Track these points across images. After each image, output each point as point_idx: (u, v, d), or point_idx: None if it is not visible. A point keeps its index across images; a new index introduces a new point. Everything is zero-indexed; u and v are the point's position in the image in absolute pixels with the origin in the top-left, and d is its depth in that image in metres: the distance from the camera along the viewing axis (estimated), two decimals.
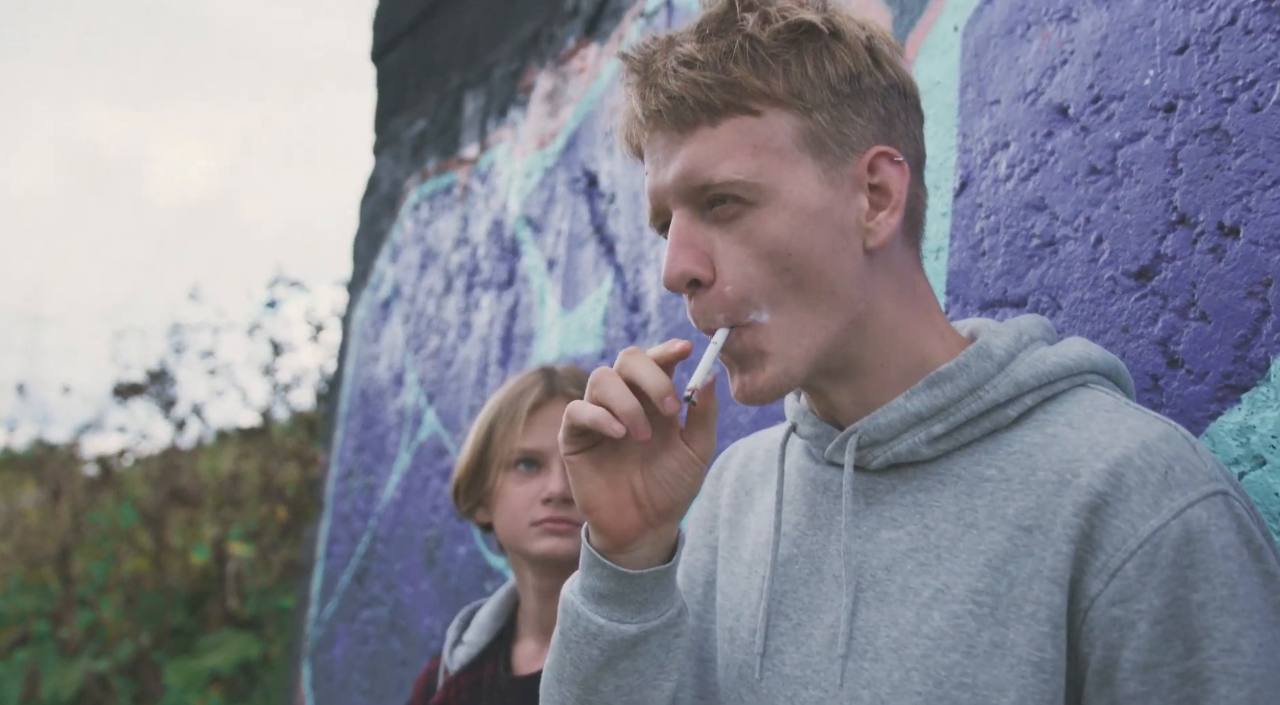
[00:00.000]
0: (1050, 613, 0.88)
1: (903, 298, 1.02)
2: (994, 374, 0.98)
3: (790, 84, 0.96)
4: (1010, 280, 1.43)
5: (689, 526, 1.26)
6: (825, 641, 1.00)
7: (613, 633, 1.00)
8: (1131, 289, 1.27)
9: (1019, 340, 1.01)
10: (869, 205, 0.98)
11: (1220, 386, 1.17)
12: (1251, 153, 1.16)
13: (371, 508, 3.25)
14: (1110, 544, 0.87)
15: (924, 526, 0.97)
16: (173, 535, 6.29)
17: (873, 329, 1.00)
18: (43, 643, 6.26)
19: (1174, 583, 0.85)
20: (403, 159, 3.52)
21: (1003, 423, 0.98)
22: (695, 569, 1.20)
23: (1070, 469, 0.91)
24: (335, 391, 3.82)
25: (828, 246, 0.96)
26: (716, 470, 1.26)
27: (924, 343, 1.02)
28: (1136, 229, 1.28)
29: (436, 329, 3.04)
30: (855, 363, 1.01)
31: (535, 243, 2.62)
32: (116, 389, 6.13)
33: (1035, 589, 0.89)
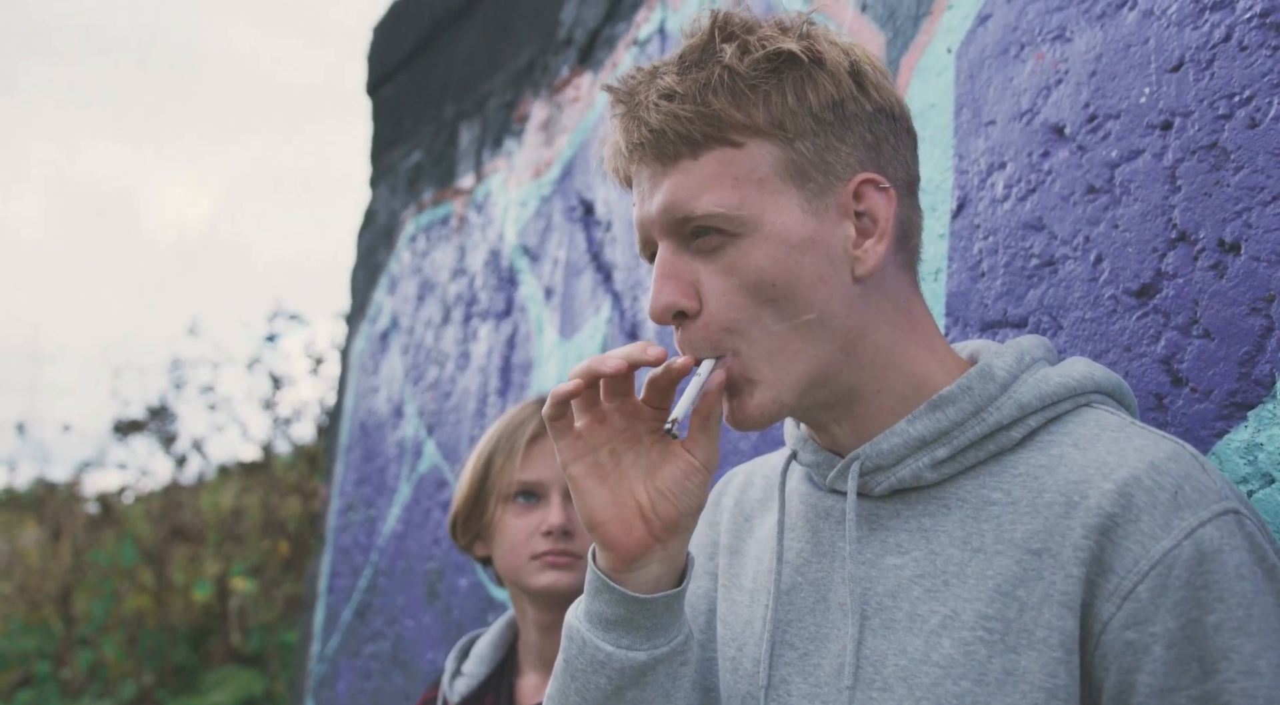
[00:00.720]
0: (1062, 638, 0.87)
1: (898, 323, 1.01)
2: (997, 396, 0.97)
3: (771, 114, 0.95)
4: (1010, 301, 1.42)
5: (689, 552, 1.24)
6: (833, 671, 0.98)
7: (621, 661, 0.98)
8: (1133, 307, 1.26)
9: (1021, 361, 1.00)
10: (856, 233, 0.97)
11: (1226, 404, 1.15)
12: (1250, 169, 1.16)
13: (373, 541, 3.23)
14: (1122, 566, 0.86)
15: (930, 552, 0.95)
16: (174, 572, 6.26)
17: (866, 356, 0.99)
18: (45, 684, 6.20)
19: (1188, 604, 0.84)
20: (399, 190, 3.53)
21: (1007, 445, 0.96)
22: (697, 597, 1.19)
23: (1078, 490, 0.90)
24: (335, 424, 3.80)
25: (814, 275, 0.95)
26: (715, 496, 1.25)
27: (922, 368, 1.01)
28: (1136, 247, 1.27)
29: (435, 360, 3.03)
30: (851, 391, 1.00)
31: (532, 272, 2.62)
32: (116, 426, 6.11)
33: (1046, 614, 0.87)
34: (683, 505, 0.98)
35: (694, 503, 0.98)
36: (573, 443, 0.97)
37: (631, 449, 0.98)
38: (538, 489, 1.60)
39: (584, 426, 0.97)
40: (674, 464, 0.98)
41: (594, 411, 0.97)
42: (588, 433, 0.97)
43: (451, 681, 1.64)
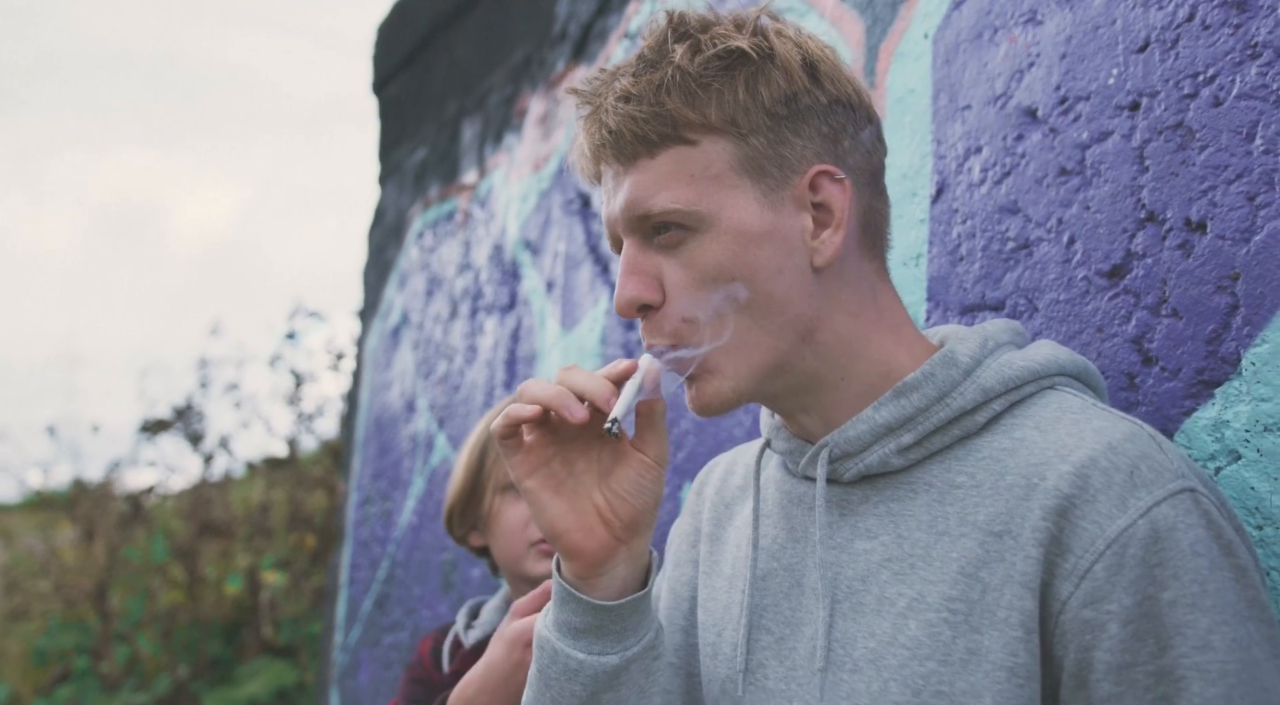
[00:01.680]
0: (1022, 617, 0.88)
1: (862, 311, 1.02)
2: (960, 381, 0.99)
3: (724, 111, 0.97)
4: (988, 284, 1.43)
5: (672, 542, 1.27)
6: (807, 654, 1.00)
7: (594, 667, 1.00)
8: (1104, 288, 1.27)
9: (984, 346, 1.02)
10: (813, 224, 0.99)
11: (1194, 382, 1.16)
12: (1215, 147, 1.16)
13: (390, 533, 3.28)
14: (1079, 546, 0.87)
15: (897, 536, 0.97)
16: (206, 567, 6.36)
17: (828, 344, 1.01)
18: (84, 679, 6.33)
19: (1143, 582, 0.85)
20: (406, 188, 3.56)
21: (971, 429, 0.98)
22: (681, 585, 1.21)
23: (1037, 472, 0.91)
24: (351, 419, 3.86)
25: (771, 268, 0.97)
26: (698, 486, 1.27)
27: (888, 355, 1.03)
28: (1107, 228, 1.28)
29: (444, 354, 3.07)
30: (814, 379, 1.02)
31: (534, 265, 2.65)
32: (144, 425, 6.21)
33: (1007, 594, 0.89)
34: (640, 503, 0.99)
35: (651, 499, 1.00)
36: (524, 458, 0.98)
37: (583, 456, 1.00)
38: None
39: (534, 440, 0.98)
40: (627, 464, 0.99)
41: (543, 425, 0.99)
42: (538, 446, 0.98)
43: (466, 631, 1.69)
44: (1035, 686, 0.88)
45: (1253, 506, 1.09)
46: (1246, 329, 1.11)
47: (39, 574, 7.22)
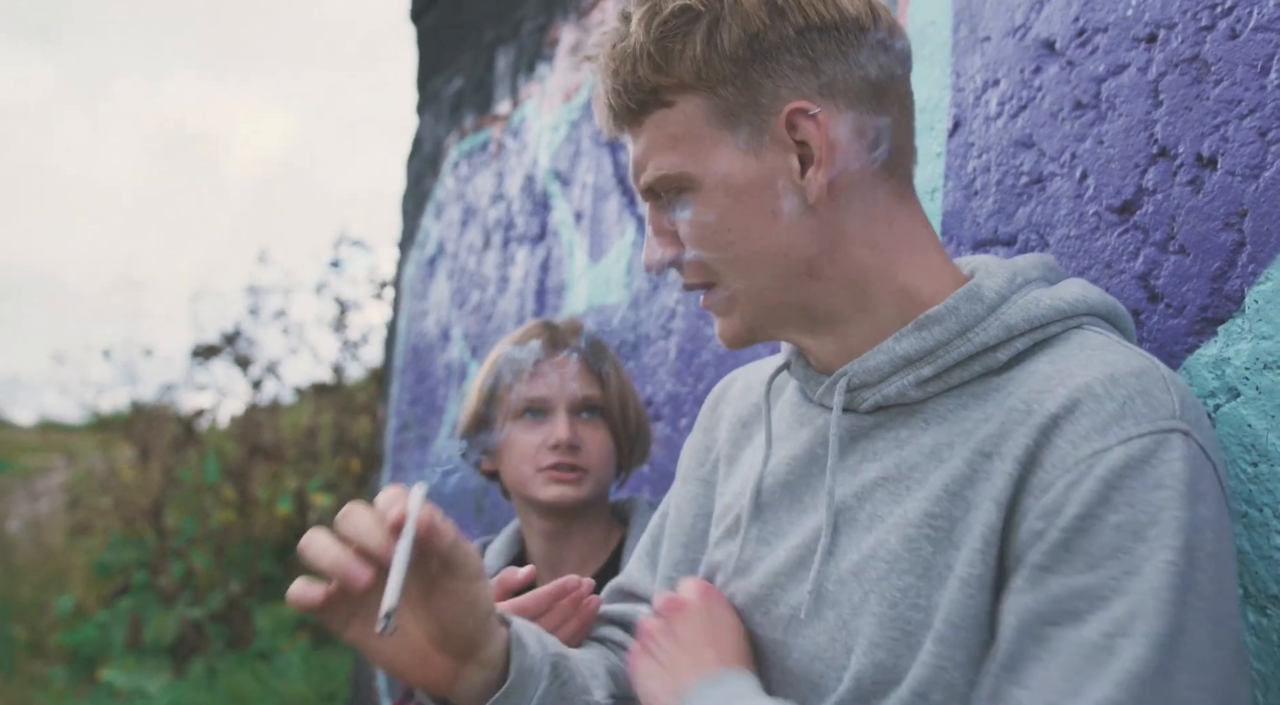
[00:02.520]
0: (985, 531, 0.88)
1: (875, 241, 1.01)
2: (984, 317, 0.98)
3: (689, 68, 0.97)
4: (1001, 219, 1.43)
5: (683, 458, 1.28)
6: (791, 563, 1.04)
7: None
8: (1114, 224, 1.27)
9: (1012, 282, 1.00)
10: (799, 163, 0.98)
11: (1197, 320, 1.16)
12: (1229, 82, 1.14)
13: (426, 459, 3.36)
14: (1050, 463, 0.87)
15: (899, 458, 0.98)
16: (257, 488, 6.56)
17: (840, 279, 1.00)
18: (143, 592, 6.60)
19: (1095, 500, 0.83)
20: (443, 117, 3.58)
21: (993, 366, 0.97)
22: (685, 501, 1.23)
23: (1037, 398, 0.91)
24: (391, 347, 3.93)
25: (766, 214, 0.98)
26: (713, 401, 1.28)
27: (910, 282, 1.01)
28: (1120, 163, 1.27)
29: (477, 284, 3.11)
30: (829, 314, 1.02)
31: (564, 196, 2.66)
32: (195, 350, 6.37)
33: (982, 511, 0.90)
34: (471, 623, 0.95)
35: (481, 614, 0.95)
36: (334, 614, 0.90)
37: None
38: (544, 405, 1.67)
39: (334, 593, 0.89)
40: (442, 592, 0.93)
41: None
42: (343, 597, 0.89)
43: None
44: (985, 598, 0.88)
45: (1249, 444, 1.09)
46: (1251, 267, 1.11)
47: (100, 492, 7.50)
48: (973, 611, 0.88)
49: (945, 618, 0.89)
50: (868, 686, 0.93)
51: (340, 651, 5.46)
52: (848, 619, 0.96)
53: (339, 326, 6.35)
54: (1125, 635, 0.80)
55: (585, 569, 1.73)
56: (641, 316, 2.26)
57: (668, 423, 2.12)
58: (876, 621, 0.93)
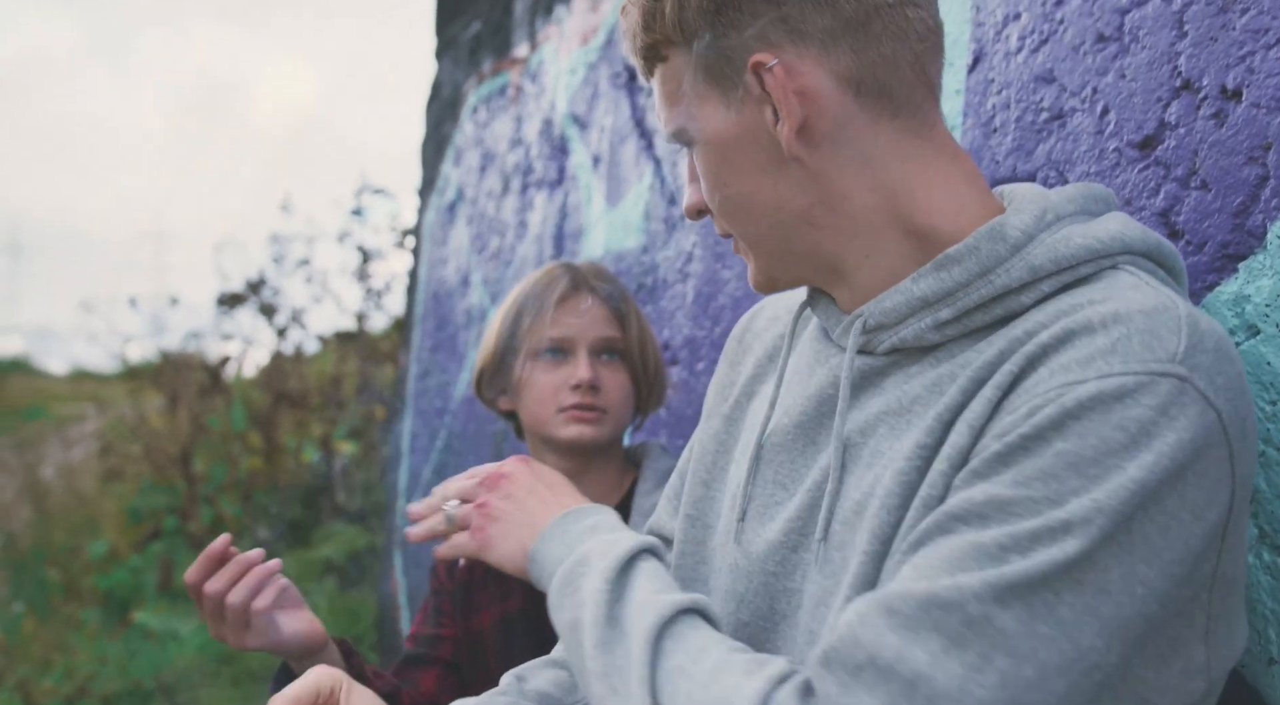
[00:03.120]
0: (951, 452, 0.86)
1: (881, 183, 0.97)
2: (1007, 257, 0.92)
3: (669, 23, 0.96)
4: (1020, 156, 1.40)
5: (709, 393, 1.26)
6: (804, 507, 1.01)
7: None
8: (1135, 160, 1.24)
9: (1041, 219, 0.94)
10: (773, 116, 0.95)
11: (1218, 256, 1.14)
12: (1256, 10, 1.11)
13: (447, 405, 3.38)
14: (1024, 389, 0.83)
15: (901, 392, 0.96)
16: (283, 436, 6.64)
17: (842, 228, 0.98)
18: (173, 537, 6.73)
19: (1048, 425, 0.79)
20: (461, 62, 3.55)
21: (1017, 310, 0.92)
22: (708, 438, 1.21)
23: (1041, 328, 0.87)
24: (412, 294, 3.94)
25: (754, 168, 0.96)
26: (739, 333, 1.25)
27: (928, 223, 0.97)
28: (1142, 97, 1.24)
29: (496, 230, 3.10)
30: (837, 260, 1.00)
31: (581, 140, 2.64)
32: (220, 299, 6.42)
33: (957, 435, 0.87)
34: None
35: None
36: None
37: None
38: (566, 345, 1.67)
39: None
40: None
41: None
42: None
43: None
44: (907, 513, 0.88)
45: (1268, 382, 1.07)
46: (1275, 201, 1.08)
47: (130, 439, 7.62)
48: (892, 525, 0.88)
49: (900, 535, 0.88)
50: None
51: (365, 595, 5.56)
52: (846, 560, 0.94)
53: (362, 275, 6.37)
54: (1021, 554, 0.76)
55: None
56: (658, 260, 2.25)
57: (684, 367, 2.12)
58: (867, 559, 0.90)
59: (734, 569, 1.07)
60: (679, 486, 1.27)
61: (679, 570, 1.16)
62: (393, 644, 3.76)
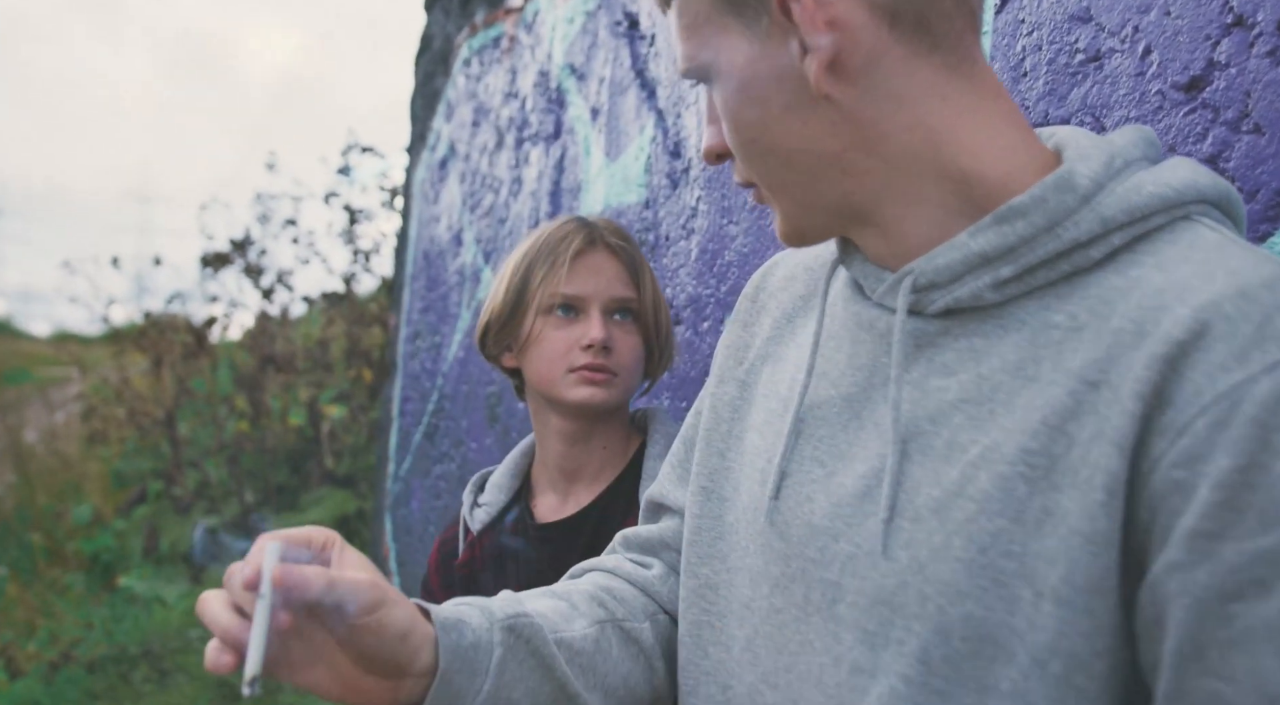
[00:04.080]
0: (1107, 479, 0.77)
1: (921, 121, 0.88)
2: (1076, 209, 0.84)
3: None
4: (1052, 102, 1.32)
5: (718, 355, 1.18)
6: (857, 493, 0.92)
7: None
8: (1181, 103, 1.16)
9: (1109, 166, 0.86)
10: (800, 49, 0.86)
11: (1272, 205, 1.07)
12: None
13: (438, 367, 3.30)
14: (1182, 398, 0.74)
15: (978, 376, 0.86)
16: (269, 399, 6.56)
17: (881, 170, 0.89)
18: (159, 501, 6.66)
19: (1252, 445, 0.71)
20: (453, 13, 3.43)
21: (1084, 265, 0.84)
22: (722, 404, 1.12)
23: (1151, 317, 0.78)
24: (401, 254, 3.85)
25: (780, 107, 0.88)
26: (753, 291, 1.16)
27: (973, 166, 0.88)
28: (1189, 35, 1.16)
29: (490, 186, 3.01)
30: (878, 208, 0.91)
31: (579, 92, 2.54)
32: (204, 259, 6.30)
33: (1094, 452, 0.78)
34: (387, 648, 0.87)
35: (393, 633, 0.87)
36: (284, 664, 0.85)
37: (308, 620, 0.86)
38: (579, 303, 1.59)
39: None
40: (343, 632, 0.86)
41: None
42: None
43: (471, 513, 1.68)
44: (1112, 556, 0.77)
45: None
46: None
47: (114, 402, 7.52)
48: (1098, 572, 0.77)
49: (1065, 577, 0.78)
50: (957, 644, 0.83)
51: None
52: (925, 562, 0.84)
53: (350, 236, 6.26)
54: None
55: (601, 476, 1.67)
56: (660, 216, 2.17)
57: (689, 326, 2.05)
58: (964, 568, 0.82)
59: (767, 550, 0.99)
60: (683, 454, 1.19)
61: (694, 545, 1.08)
62: None
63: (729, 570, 1.05)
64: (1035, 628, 0.80)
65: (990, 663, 0.81)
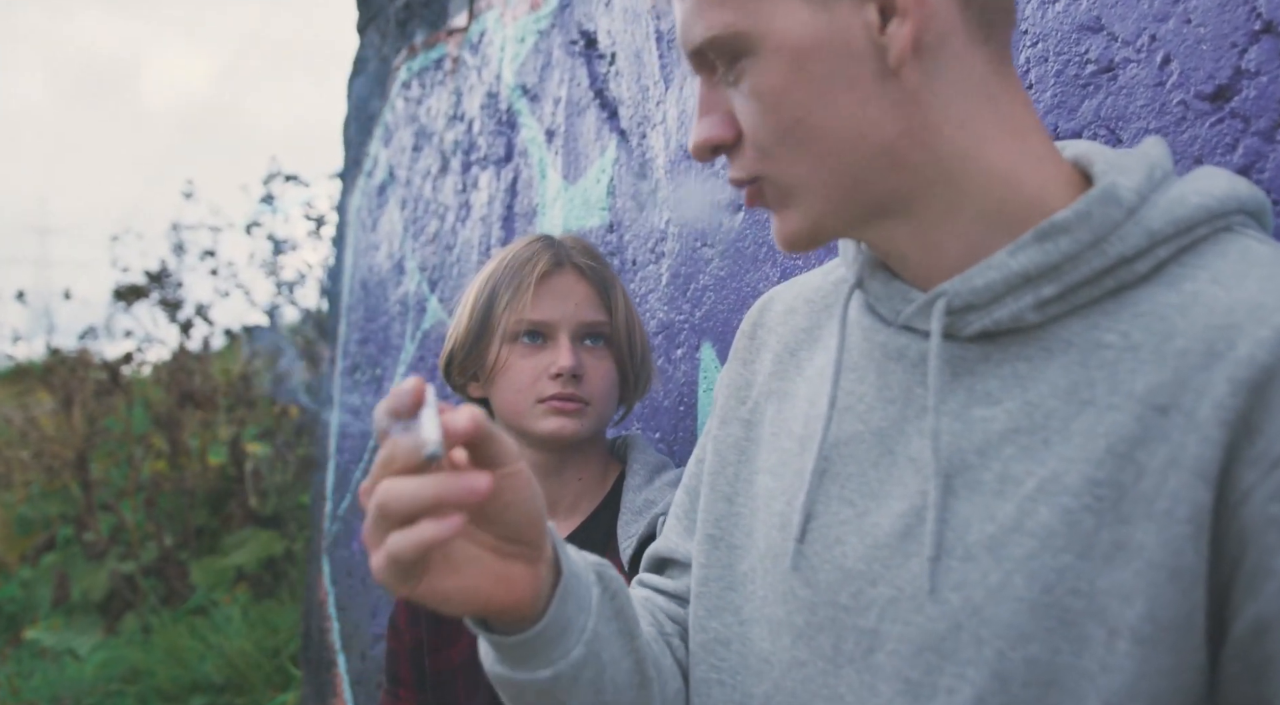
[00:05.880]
0: (1192, 511, 0.73)
1: (972, 117, 0.83)
2: (1121, 222, 0.80)
3: None
4: (1061, 114, 1.28)
5: (718, 395, 1.10)
6: (895, 533, 0.85)
7: (568, 670, 0.89)
8: (1206, 113, 1.12)
9: (1151, 177, 0.83)
10: (878, 16, 0.80)
11: None
12: None
13: (379, 400, 3.16)
14: (1273, 428, 0.71)
15: (1026, 403, 0.81)
16: (188, 437, 6.29)
17: (927, 166, 0.83)
18: (69, 547, 6.33)
19: None
20: (389, 35, 3.32)
21: (1129, 280, 0.81)
22: (726, 447, 1.05)
23: (1223, 337, 0.74)
24: (336, 284, 3.69)
25: (838, 84, 0.80)
26: (750, 328, 1.10)
27: (1012, 173, 0.84)
28: (1212, 43, 1.12)
29: (435, 212, 2.90)
30: (913, 210, 0.85)
31: (532, 113, 2.45)
32: (117, 292, 6.03)
33: (1172, 481, 0.73)
34: (531, 511, 0.83)
35: (533, 507, 0.83)
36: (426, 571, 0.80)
37: None
38: (546, 329, 1.50)
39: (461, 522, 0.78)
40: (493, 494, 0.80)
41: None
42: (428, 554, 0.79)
43: None
44: (1201, 592, 0.73)
45: None
46: None
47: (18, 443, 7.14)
48: (1185, 608, 0.73)
49: (1146, 614, 0.73)
50: (1017, 690, 0.76)
51: (282, 604, 5.26)
52: (980, 604, 0.78)
53: (273, 267, 6.05)
54: None
55: (579, 508, 1.57)
56: (626, 239, 2.08)
57: (660, 353, 1.96)
58: (1027, 609, 0.76)
59: (789, 599, 0.91)
60: (688, 504, 1.11)
61: (702, 598, 1.00)
62: (321, 656, 3.52)
63: (741, 623, 0.98)
64: (1108, 670, 0.74)
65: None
